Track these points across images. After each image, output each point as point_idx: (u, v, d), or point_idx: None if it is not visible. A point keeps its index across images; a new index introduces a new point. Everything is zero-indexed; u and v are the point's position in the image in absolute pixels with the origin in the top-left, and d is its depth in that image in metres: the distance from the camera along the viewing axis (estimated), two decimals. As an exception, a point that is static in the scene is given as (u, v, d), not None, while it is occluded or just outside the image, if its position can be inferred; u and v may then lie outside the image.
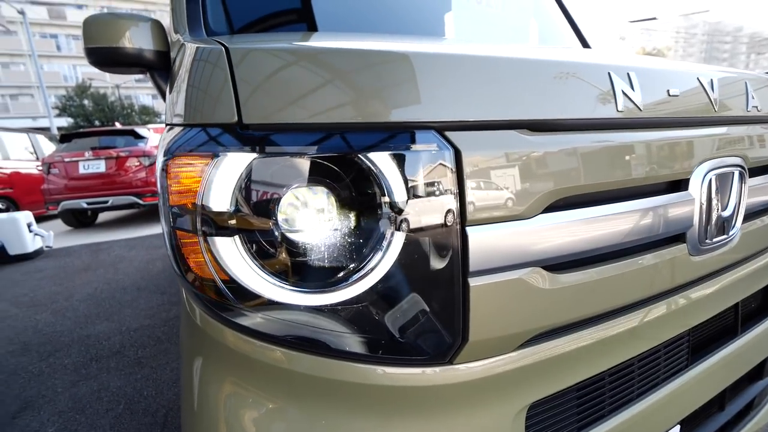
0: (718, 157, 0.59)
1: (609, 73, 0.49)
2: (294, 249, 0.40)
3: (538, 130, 0.44)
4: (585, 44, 1.50)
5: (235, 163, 0.39)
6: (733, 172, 0.62)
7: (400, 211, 0.38)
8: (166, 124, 0.56)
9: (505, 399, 0.46)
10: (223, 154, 0.39)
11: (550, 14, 1.57)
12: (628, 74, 0.50)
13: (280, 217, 0.39)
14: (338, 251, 0.40)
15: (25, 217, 3.66)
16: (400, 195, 0.38)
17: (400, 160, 0.38)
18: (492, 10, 1.42)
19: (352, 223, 0.40)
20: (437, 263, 0.39)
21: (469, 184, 0.39)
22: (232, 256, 0.39)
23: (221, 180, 0.39)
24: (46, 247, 3.87)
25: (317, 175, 0.39)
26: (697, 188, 0.56)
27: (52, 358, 1.73)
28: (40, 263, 3.50)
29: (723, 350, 0.69)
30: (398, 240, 0.38)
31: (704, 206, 0.57)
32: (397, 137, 0.39)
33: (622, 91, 0.49)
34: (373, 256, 0.38)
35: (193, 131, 0.43)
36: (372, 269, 0.39)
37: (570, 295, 0.46)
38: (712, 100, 0.58)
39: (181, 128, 0.45)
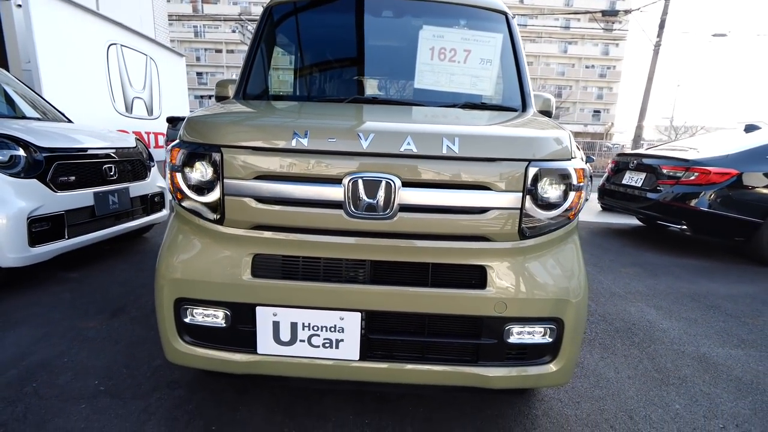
0: (363, 172, 1.17)
1: (295, 132, 1.20)
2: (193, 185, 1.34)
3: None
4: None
5: (183, 153, 1.35)
6: (385, 181, 1.17)
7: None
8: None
9: (245, 247, 1.28)
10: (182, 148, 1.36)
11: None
12: (306, 131, 1.19)
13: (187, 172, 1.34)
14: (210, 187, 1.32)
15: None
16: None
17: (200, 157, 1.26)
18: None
19: (208, 178, 1.31)
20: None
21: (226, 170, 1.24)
22: (179, 182, 1.36)
23: (179, 158, 1.36)
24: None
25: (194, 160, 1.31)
26: (343, 186, 1.18)
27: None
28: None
29: (395, 287, 1.24)
30: (221, 185, 1.27)
31: (350, 195, 1.18)
32: (200, 147, 1.26)
33: (298, 138, 1.19)
34: (213, 190, 1.28)
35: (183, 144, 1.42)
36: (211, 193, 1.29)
37: (275, 215, 1.23)
38: (362, 143, 1.17)
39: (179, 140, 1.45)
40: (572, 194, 1.32)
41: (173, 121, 8.15)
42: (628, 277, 3.28)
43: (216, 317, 1.31)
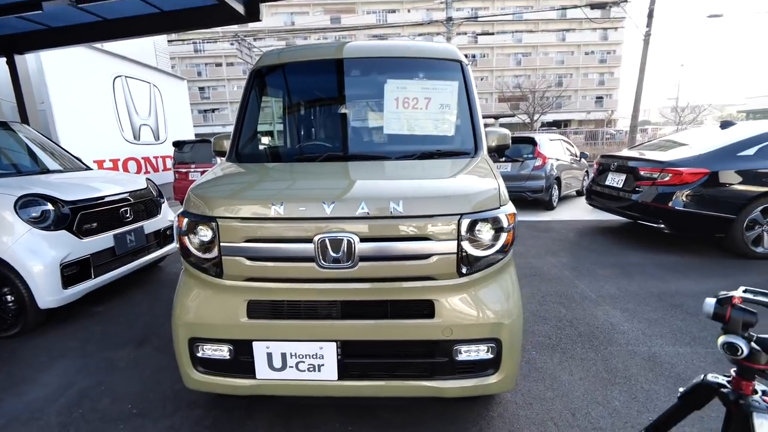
0: (329, 233, 1.47)
1: (272, 203, 1.51)
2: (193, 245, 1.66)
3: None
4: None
5: (187, 221, 1.67)
6: (346, 239, 1.47)
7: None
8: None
9: (241, 295, 1.60)
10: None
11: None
12: (281, 202, 1.50)
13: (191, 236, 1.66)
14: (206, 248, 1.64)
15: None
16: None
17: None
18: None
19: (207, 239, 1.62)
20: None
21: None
22: (186, 243, 1.68)
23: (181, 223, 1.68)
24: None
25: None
26: (314, 244, 1.48)
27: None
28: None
29: (362, 320, 1.55)
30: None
31: (319, 251, 1.49)
32: (201, 217, 1.58)
33: (275, 208, 1.50)
34: (212, 250, 1.60)
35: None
36: (211, 253, 1.61)
37: (262, 269, 1.55)
38: (326, 210, 1.47)
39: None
40: (504, 235, 1.60)
41: (179, 145, 8.59)
42: (604, 279, 3.53)
43: (222, 351, 1.63)
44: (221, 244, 1.56)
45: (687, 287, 3.28)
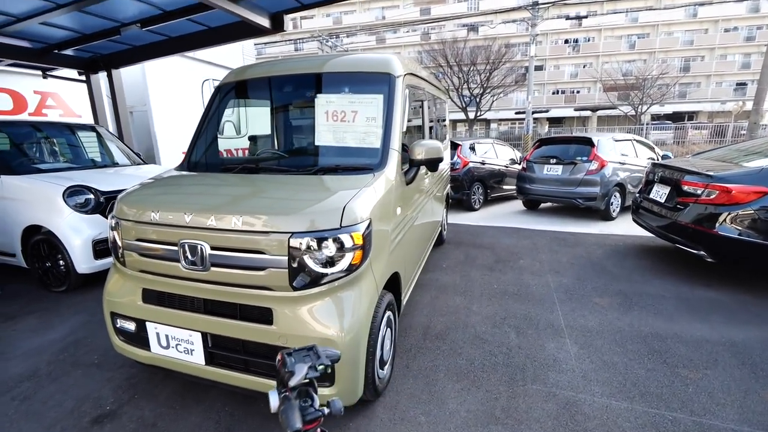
0: (187, 239, 1.70)
1: (152, 210, 1.80)
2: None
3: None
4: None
5: (110, 221, 2.07)
6: (199, 245, 1.69)
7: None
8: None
9: (137, 282, 1.95)
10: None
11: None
12: (158, 210, 1.78)
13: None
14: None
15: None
16: None
17: None
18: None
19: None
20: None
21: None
22: (112, 238, 2.09)
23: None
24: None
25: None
26: (179, 247, 1.74)
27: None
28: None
29: (218, 318, 1.76)
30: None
31: (182, 253, 1.73)
32: (113, 218, 1.96)
33: (153, 214, 1.78)
34: (119, 245, 1.99)
35: None
36: (120, 247, 2.00)
37: (147, 264, 1.87)
38: (186, 219, 1.70)
39: None
40: (348, 254, 1.66)
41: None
42: (592, 309, 3.12)
43: (129, 325, 2.01)
44: (123, 240, 1.92)
45: (694, 332, 2.73)
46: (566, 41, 35.59)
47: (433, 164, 2.40)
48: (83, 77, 6.49)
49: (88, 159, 4.71)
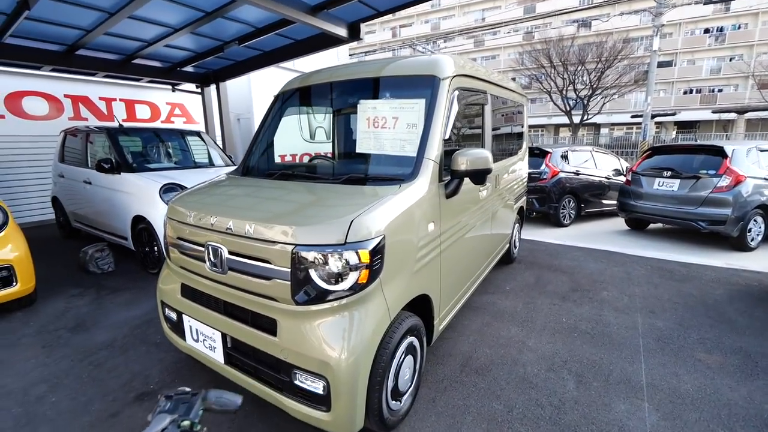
0: (212, 241, 1.76)
1: (189, 212, 1.92)
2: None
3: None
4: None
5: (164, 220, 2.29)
6: (219, 249, 1.73)
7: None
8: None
9: (179, 277, 2.10)
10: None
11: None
12: (193, 213, 1.89)
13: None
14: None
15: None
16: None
17: None
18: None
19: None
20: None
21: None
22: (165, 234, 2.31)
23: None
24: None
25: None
26: (205, 248, 1.81)
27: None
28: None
29: (234, 321, 1.80)
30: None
31: (207, 254, 1.80)
32: (166, 218, 2.14)
33: (189, 216, 1.90)
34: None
35: None
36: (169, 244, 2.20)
37: (185, 261, 2.02)
38: (211, 222, 1.76)
39: None
40: (353, 273, 1.54)
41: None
42: (693, 367, 2.42)
43: (173, 314, 2.19)
44: (169, 237, 2.10)
45: None
46: (706, 30, 29.77)
47: (479, 176, 2.12)
48: (199, 90, 7.56)
49: (191, 160, 5.44)
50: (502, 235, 3.71)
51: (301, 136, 3.04)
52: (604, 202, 7.57)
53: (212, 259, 1.81)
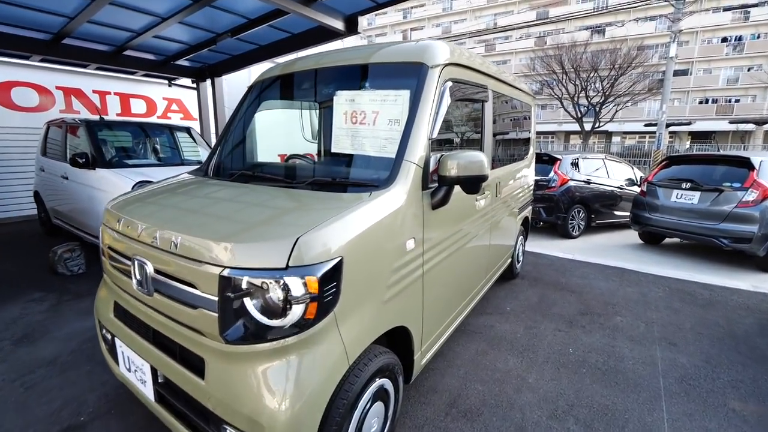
0: (138, 257, 1.43)
1: (119, 218, 1.59)
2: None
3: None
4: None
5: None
6: (144, 264, 1.40)
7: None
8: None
9: (112, 294, 1.78)
10: None
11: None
12: (121, 219, 1.56)
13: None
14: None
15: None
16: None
17: None
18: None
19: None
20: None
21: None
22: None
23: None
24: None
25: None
26: (131, 262, 1.48)
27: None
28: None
29: (162, 353, 1.46)
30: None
31: (136, 271, 1.47)
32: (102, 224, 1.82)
33: (119, 223, 1.57)
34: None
35: None
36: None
37: (115, 276, 1.69)
38: (138, 232, 1.43)
39: None
40: (297, 307, 1.19)
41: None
42: (726, 418, 2.02)
43: (108, 335, 1.86)
44: (102, 245, 1.78)
45: None
46: (724, 39, 28.99)
47: (471, 184, 1.76)
48: (194, 85, 7.31)
49: (180, 157, 5.15)
50: (504, 249, 3.34)
51: (279, 133, 2.71)
52: (616, 213, 7.15)
53: (137, 276, 1.48)
